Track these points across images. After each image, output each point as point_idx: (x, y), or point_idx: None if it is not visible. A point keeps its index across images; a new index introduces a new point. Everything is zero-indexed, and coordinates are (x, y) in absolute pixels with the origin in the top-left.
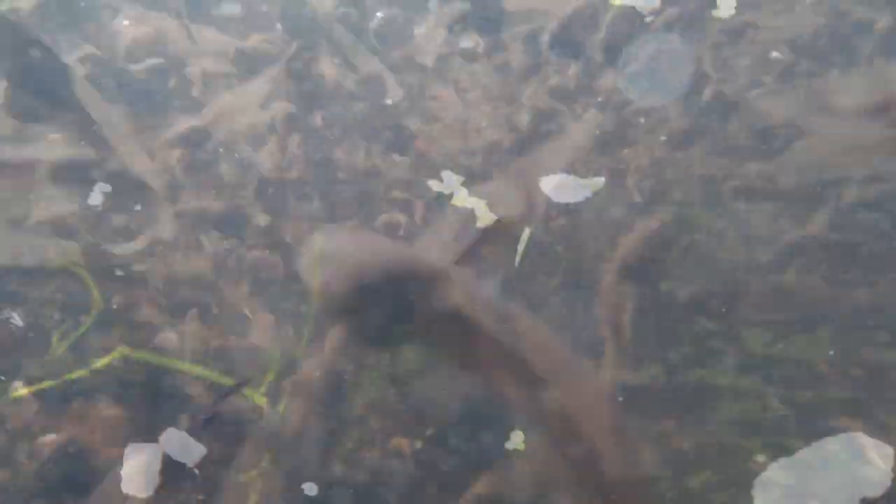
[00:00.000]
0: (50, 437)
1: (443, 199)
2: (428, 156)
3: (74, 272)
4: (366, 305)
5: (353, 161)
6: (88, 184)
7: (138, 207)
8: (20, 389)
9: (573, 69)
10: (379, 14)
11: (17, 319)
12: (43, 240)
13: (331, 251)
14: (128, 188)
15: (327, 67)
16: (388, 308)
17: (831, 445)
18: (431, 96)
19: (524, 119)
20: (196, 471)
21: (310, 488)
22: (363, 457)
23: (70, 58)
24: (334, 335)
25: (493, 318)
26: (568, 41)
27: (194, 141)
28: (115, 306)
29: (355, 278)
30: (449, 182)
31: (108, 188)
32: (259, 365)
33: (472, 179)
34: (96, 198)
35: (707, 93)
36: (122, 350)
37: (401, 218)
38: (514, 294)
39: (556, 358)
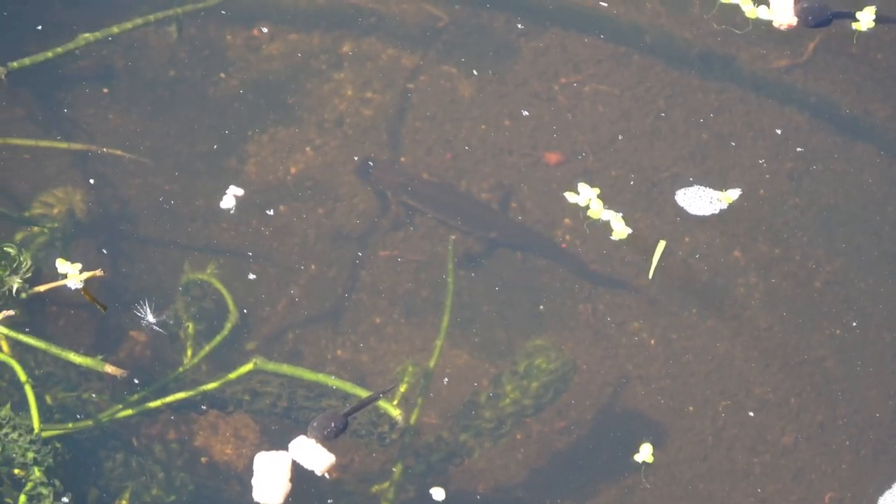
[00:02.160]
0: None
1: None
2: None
3: (209, 282)
4: None
5: None
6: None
7: (271, 212)
8: (155, 401)
9: None
10: None
11: (149, 317)
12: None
13: None
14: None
15: None
16: None
17: None
18: None
19: None
20: (327, 477)
21: (437, 493)
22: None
23: None
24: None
25: None
26: None
27: None
28: (245, 311)
29: None
30: (585, 194)
31: (241, 191)
32: (393, 377)
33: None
34: (229, 201)
35: None
36: (256, 361)
37: None
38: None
39: None
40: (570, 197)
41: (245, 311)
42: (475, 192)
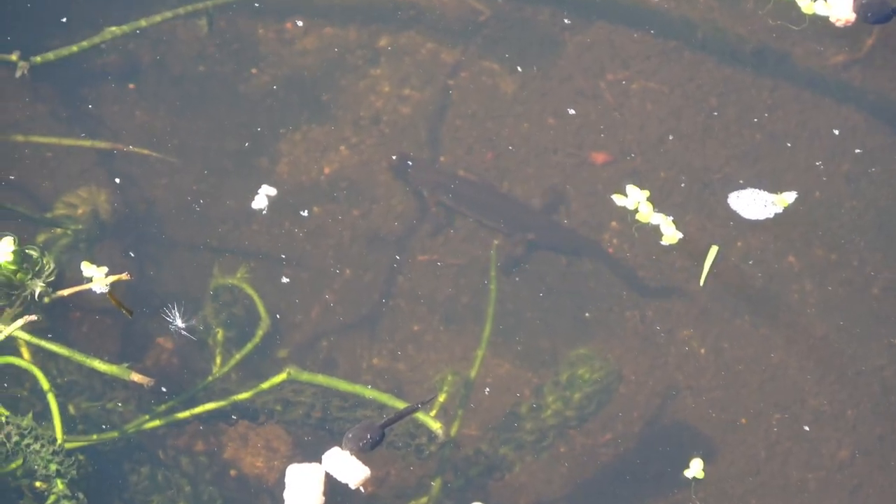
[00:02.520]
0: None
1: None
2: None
3: (239, 286)
4: None
5: None
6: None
7: (306, 213)
8: (183, 411)
9: None
10: None
11: (178, 321)
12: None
13: None
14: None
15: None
16: None
17: None
18: None
19: None
20: (361, 491)
21: None
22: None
23: None
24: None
25: None
26: None
27: None
28: (278, 317)
29: None
30: (633, 196)
31: (273, 191)
32: (431, 387)
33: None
34: (261, 201)
35: None
36: (289, 370)
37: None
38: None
39: None
40: (618, 200)
41: (277, 316)
42: (518, 192)
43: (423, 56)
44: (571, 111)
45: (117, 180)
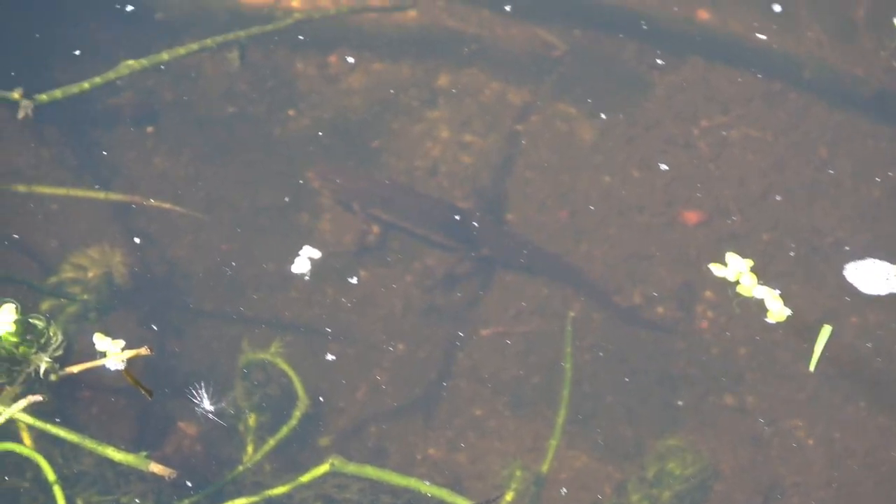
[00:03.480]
0: None
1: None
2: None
3: (273, 362)
4: None
5: None
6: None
7: (354, 280)
8: None
9: None
10: None
11: (205, 403)
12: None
13: None
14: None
15: None
16: None
17: None
18: None
19: None
20: None
21: None
22: None
23: None
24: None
25: None
26: None
27: None
28: (320, 399)
29: None
30: (734, 266)
31: (317, 253)
32: (497, 483)
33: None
34: (303, 265)
35: None
36: (333, 461)
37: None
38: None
39: None
40: (716, 270)
41: (319, 398)
42: (596, 261)
43: (488, 97)
44: (661, 164)
45: (136, 239)
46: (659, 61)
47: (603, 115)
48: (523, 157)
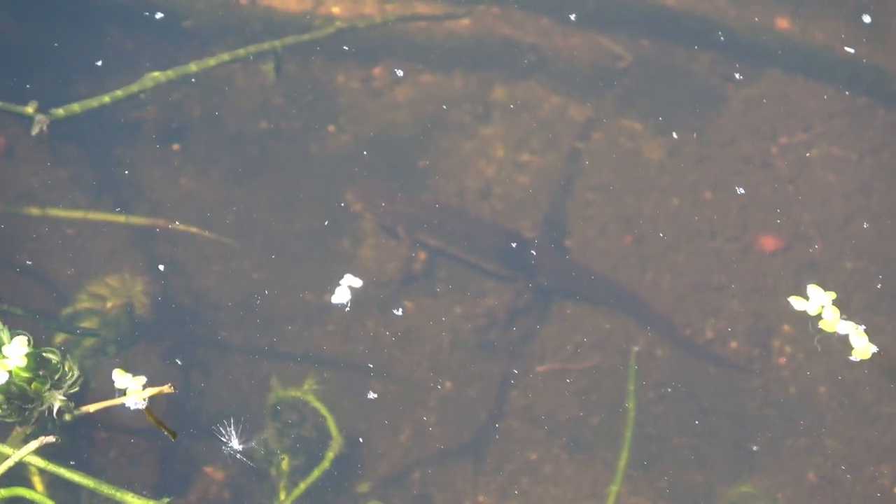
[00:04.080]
0: None
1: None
2: None
3: (306, 399)
4: None
5: None
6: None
7: (399, 312)
8: None
9: None
10: None
11: (234, 442)
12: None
13: None
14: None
15: None
16: None
17: None
18: None
19: None
20: None
21: None
22: None
23: None
24: None
25: None
26: None
27: None
28: (360, 441)
29: None
30: (816, 300)
31: (358, 282)
32: None
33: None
34: (343, 295)
35: None
36: None
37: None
38: None
39: None
40: (795, 303)
41: (359, 440)
42: (663, 291)
43: (546, 112)
44: (735, 185)
45: (159, 267)
46: (737, 76)
47: (672, 133)
48: (584, 178)
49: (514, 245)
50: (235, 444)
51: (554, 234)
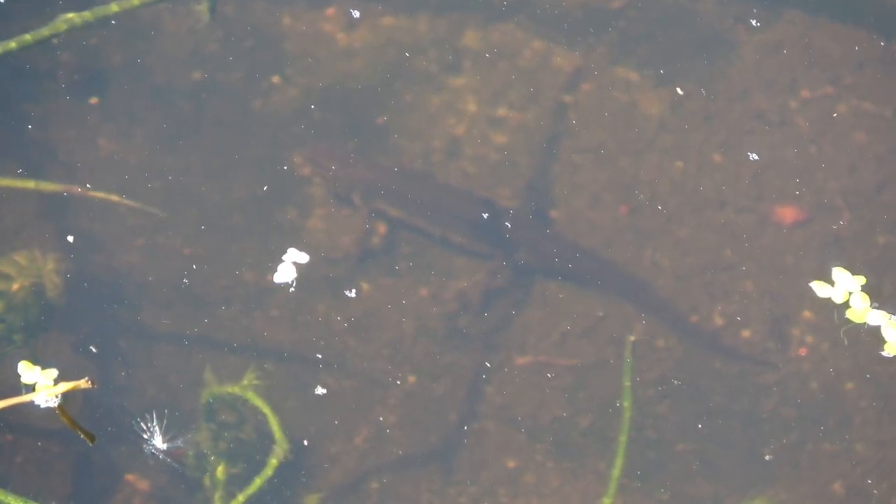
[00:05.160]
0: None
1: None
2: None
3: (245, 396)
4: None
5: None
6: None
7: (352, 294)
8: None
9: None
10: None
11: (157, 440)
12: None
13: None
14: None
15: None
16: None
17: None
18: None
19: None
20: None
21: None
22: None
23: None
24: None
25: None
26: None
27: None
28: (306, 444)
29: None
30: (843, 284)
31: (304, 257)
32: None
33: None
34: (287, 273)
35: None
36: None
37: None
38: None
39: None
40: (819, 289)
41: (304, 443)
42: (664, 271)
43: (527, 60)
44: (748, 147)
45: (71, 239)
46: (753, 21)
47: (675, 85)
48: (572, 138)
49: (488, 216)
50: (159, 442)
51: (536, 203)
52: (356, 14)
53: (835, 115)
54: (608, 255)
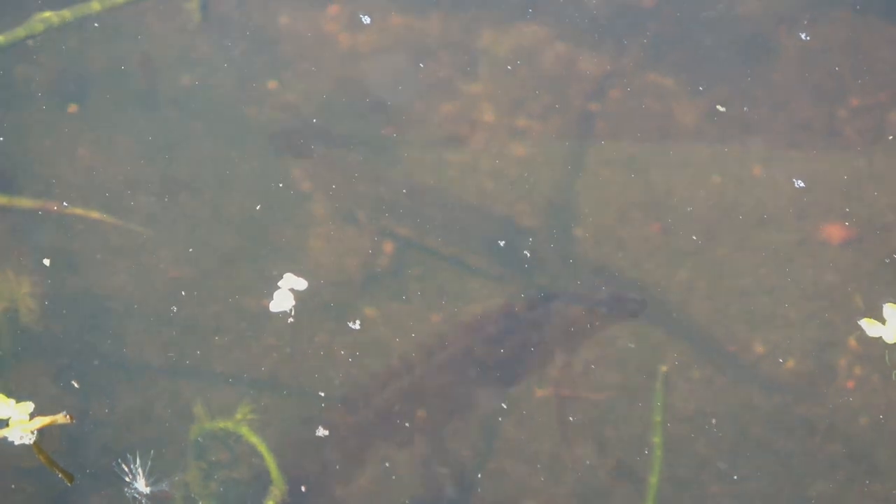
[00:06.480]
0: None
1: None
2: None
3: (239, 433)
4: None
5: None
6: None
7: (356, 325)
8: None
9: None
10: None
11: (139, 484)
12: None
13: None
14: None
15: None
16: None
17: None
18: None
19: None
20: None
21: None
22: None
23: None
24: None
25: None
26: None
27: None
28: (303, 490)
29: None
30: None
31: (302, 283)
32: None
33: None
34: (284, 300)
35: None
36: None
37: None
38: None
39: None
40: (868, 327)
41: (302, 489)
42: (699, 295)
43: (550, 64)
44: (792, 161)
45: (46, 261)
46: (802, 35)
47: (712, 91)
48: (597, 149)
49: (506, 235)
50: (141, 485)
51: (559, 221)
52: (367, 20)
53: (886, 124)
54: (637, 277)
